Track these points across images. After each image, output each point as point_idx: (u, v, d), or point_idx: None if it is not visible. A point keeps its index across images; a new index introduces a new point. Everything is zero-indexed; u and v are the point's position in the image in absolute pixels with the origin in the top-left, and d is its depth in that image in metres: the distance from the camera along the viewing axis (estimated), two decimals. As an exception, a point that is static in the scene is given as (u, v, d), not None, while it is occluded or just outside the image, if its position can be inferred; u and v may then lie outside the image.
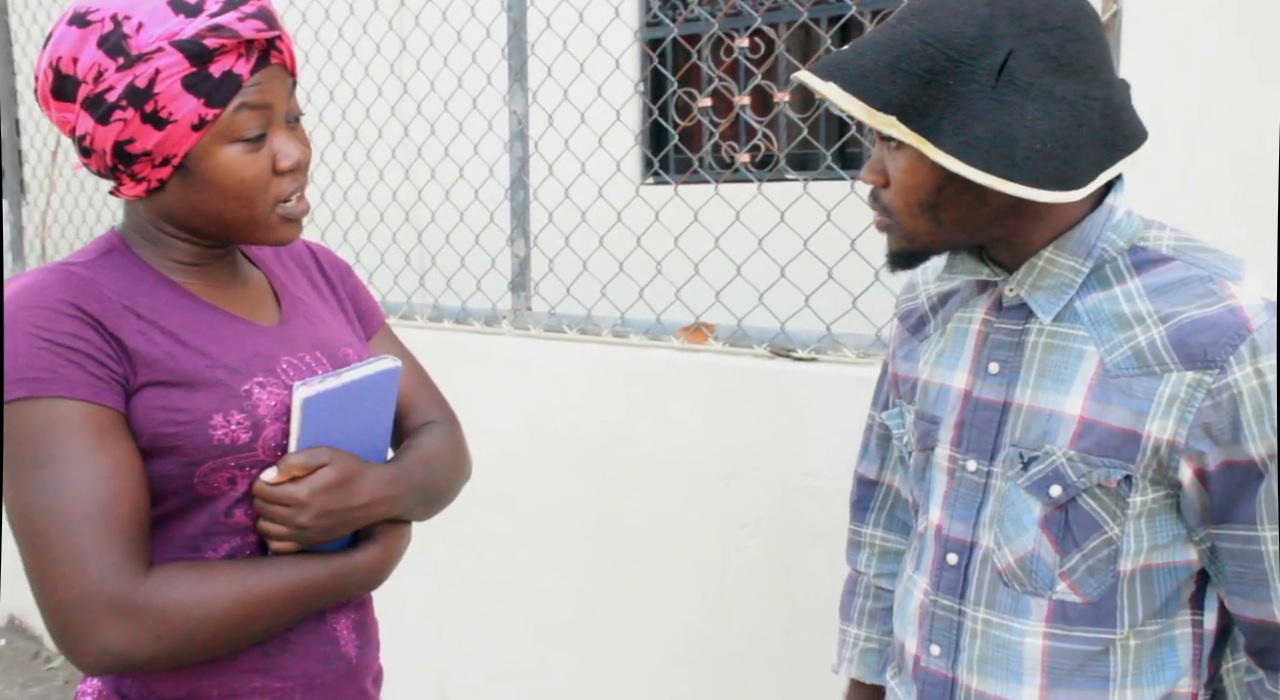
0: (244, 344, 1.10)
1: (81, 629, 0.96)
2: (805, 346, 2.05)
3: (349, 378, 1.08)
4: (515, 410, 2.41)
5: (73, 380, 0.99)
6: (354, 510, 1.08)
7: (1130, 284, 1.03)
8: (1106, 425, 1.01)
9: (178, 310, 1.09)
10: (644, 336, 2.29)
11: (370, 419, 1.13)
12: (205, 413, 1.04)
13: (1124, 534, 1.03)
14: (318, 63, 3.20)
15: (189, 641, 0.99)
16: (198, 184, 1.06)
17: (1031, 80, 0.94)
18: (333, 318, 1.25)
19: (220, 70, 1.02)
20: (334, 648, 1.15)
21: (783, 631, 2.03)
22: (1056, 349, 1.05)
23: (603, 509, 2.28)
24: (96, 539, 0.96)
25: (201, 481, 1.05)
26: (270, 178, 1.07)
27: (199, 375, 1.05)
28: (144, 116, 1.01)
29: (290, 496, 1.04)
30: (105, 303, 1.04)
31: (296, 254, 1.30)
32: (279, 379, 1.10)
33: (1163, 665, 1.06)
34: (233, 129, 1.04)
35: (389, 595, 2.76)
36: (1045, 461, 1.04)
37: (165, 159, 1.04)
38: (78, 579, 0.95)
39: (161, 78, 1.00)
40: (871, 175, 1.06)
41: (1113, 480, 1.01)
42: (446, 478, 1.24)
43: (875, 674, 1.36)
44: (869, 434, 1.36)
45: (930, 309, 1.22)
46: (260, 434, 1.06)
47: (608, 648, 2.31)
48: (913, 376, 1.21)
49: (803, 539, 1.97)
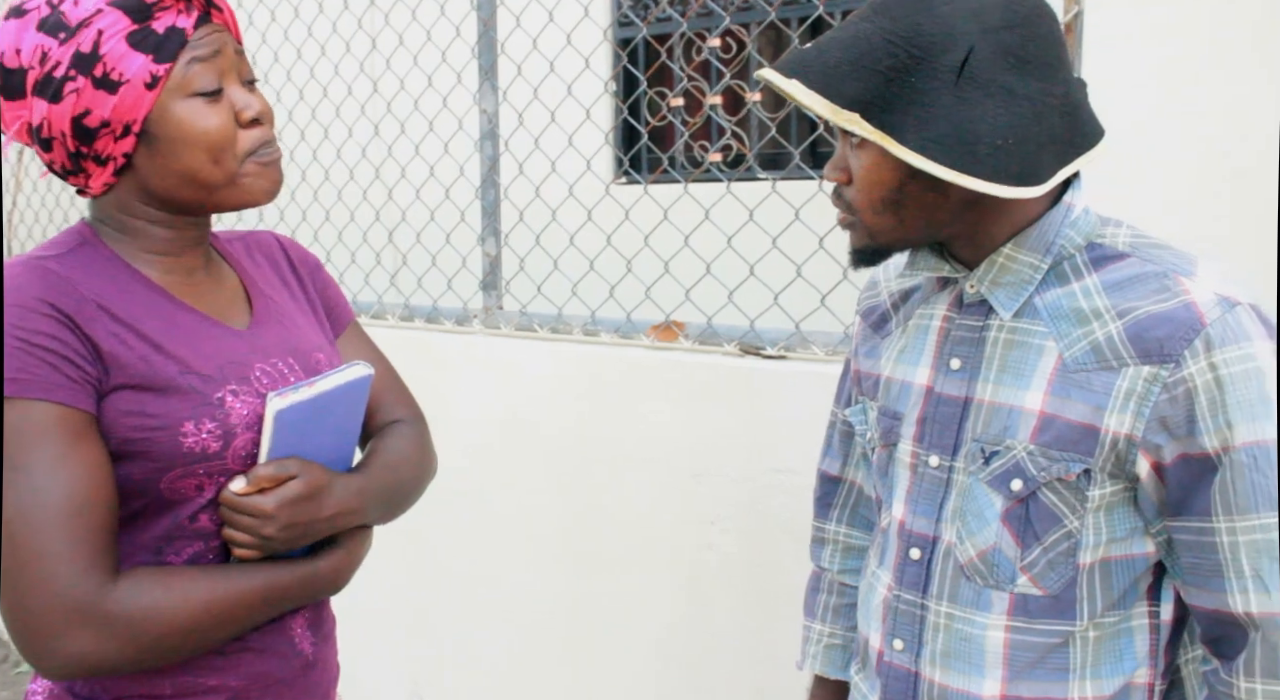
0: (218, 349, 1.09)
1: (47, 634, 0.94)
2: (774, 344, 2.06)
3: (321, 387, 1.07)
4: (487, 409, 2.42)
5: (49, 382, 0.97)
6: (319, 522, 1.08)
7: (1088, 280, 1.05)
8: (1066, 419, 1.03)
9: (152, 311, 1.07)
10: (615, 335, 2.30)
11: (341, 425, 1.13)
12: (177, 420, 1.03)
13: (1083, 527, 1.04)
14: (287, 61, 3.18)
15: (155, 648, 0.98)
16: (164, 147, 1.04)
17: (992, 77, 0.96)
18: (304, 319, 1.24)
19: (163, 26, 1.02)
20: (291, 646, 1.16)
21: (756, 626, 2.04)
22: (1017, 345, 1.07)
23: (575, 507, 2.29)
24: (66, 544, 0.95)
25: (168, 487, 1.04)
26: (235, 130, 1.06)
27: (172, 381, 1.04)
28: (95, 82, 1.00)
29: (257, 508, 1.03)
30: (80, 302, 1.02)
31: (267, 248, 1.29)
32: (252, 387, 1.09)
33: (1121, 656, 1.08)
34: (187, 83, 1.03)
35: (363, 595, 2.76)
36: (1006, 456, 1.06)
37: (126, 127, 1.03)
38: (45, 584, 0.94)
39: (105, 38, 1.00)
40: (835, 173, 1.08)
41: (1072, 474, 1.03)
42: (412, 481, 1.24)
43: (839, 669, 1.37)
44: (831, 430, 1.38)
45: (892, 306, 1.24)
46: (231, 443, 1.05)
47: (582, 645, 2.32)
48: (875, 373, 1.22)
49: (774, 534, 1.99)
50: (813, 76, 0.99)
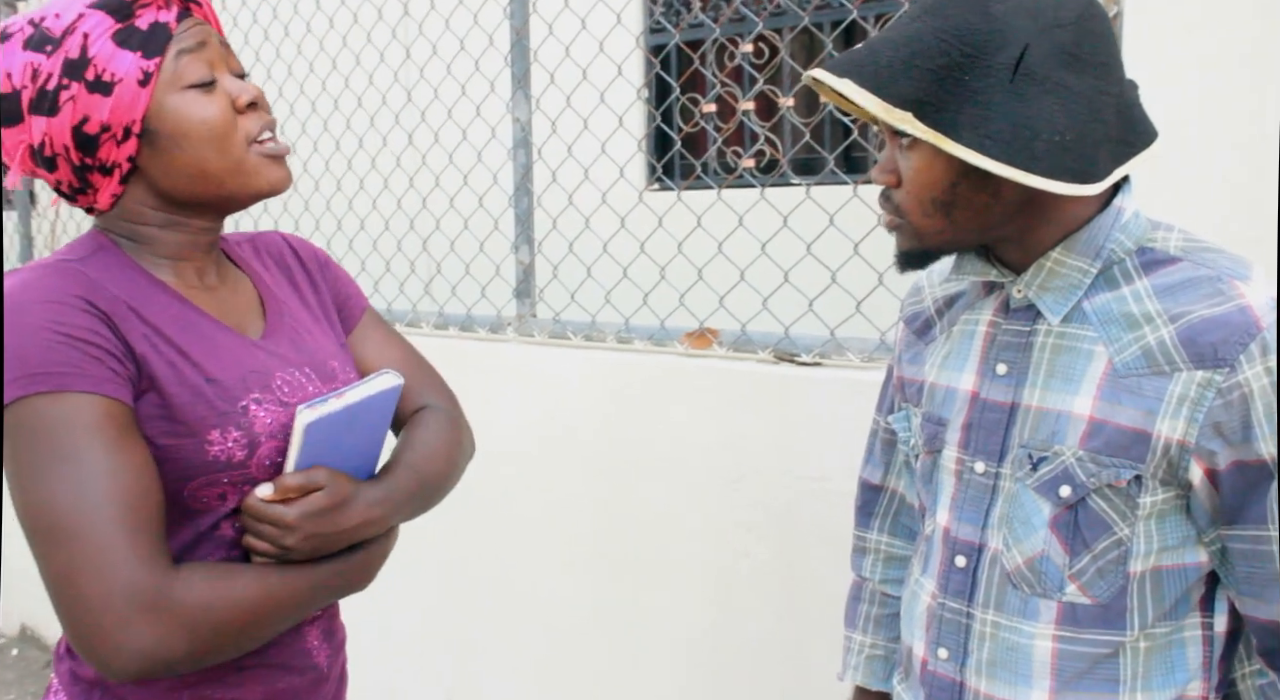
0: (238, 358, 1.09)
1: (113, 628, 0.92)
2: (809, 351, 2.05)
3: (351, 399, 1.06)
4: (521, 416, 2.42)
5: (95, 375, 0.97)
6: (341, 534, 1.07)
7: (1138, 284, 1.03)
8: (1116, 425, 1.01)
9: (175, 317, 1.07)
10: (648, 342, 2.30)
11: (368, 433, 1.12)
12: (203, 427, 1.03)
13: (1134, 535, 1.02)
14: (322, 72, 3.21)
15: (216, 640, 0.97)
16: (168, 144, 1.04)
17: (1048, 74, 0.95)
18: (316, 325, 1.23)
19: (146, 22, 1.03)
20: (306, 658, 1.15)
21: (790, 635, 2.03)
22: (1065, 349, 1.05)
23: (609, 514, 2.29)
24: (128, 535, 0.94)
25: (191, 496, 1.04)
26: (234, 116, 1.07)
27: (198, 389, 1.04)
28: (89, 86, 1.01)
29: (279, 518, 1.02)
30: (111, 301, 1.02)
31: (275, 249, 1.29)
32: (274, 395, 1.09)
33: (1172, 668, 1.05)
34: (179, 76, 1.04)
35: (398, 601, 2.77)
36: (1054, 462, 1.04)
37: (126, 130, 1.02)
38: (111, 576, 0.92)
39: (92, 40, 1.01)
40: (884, 175, 1.07)
41: (1122, 480, 1.01)
42: (440, 475, 1.22)
43: (881, 681, 1.35)
44: (873, 439, 1.36)
45: (936, 312, 1.22)
46: (256, 452, 1.05)
47: (615, 652, 2.31)
48: (919, 379, 1.21)
49: (809, 543, 1.98)
50: (865, 76, 0.98)
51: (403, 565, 2.69)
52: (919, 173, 1.02)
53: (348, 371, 1.21)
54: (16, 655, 3.95)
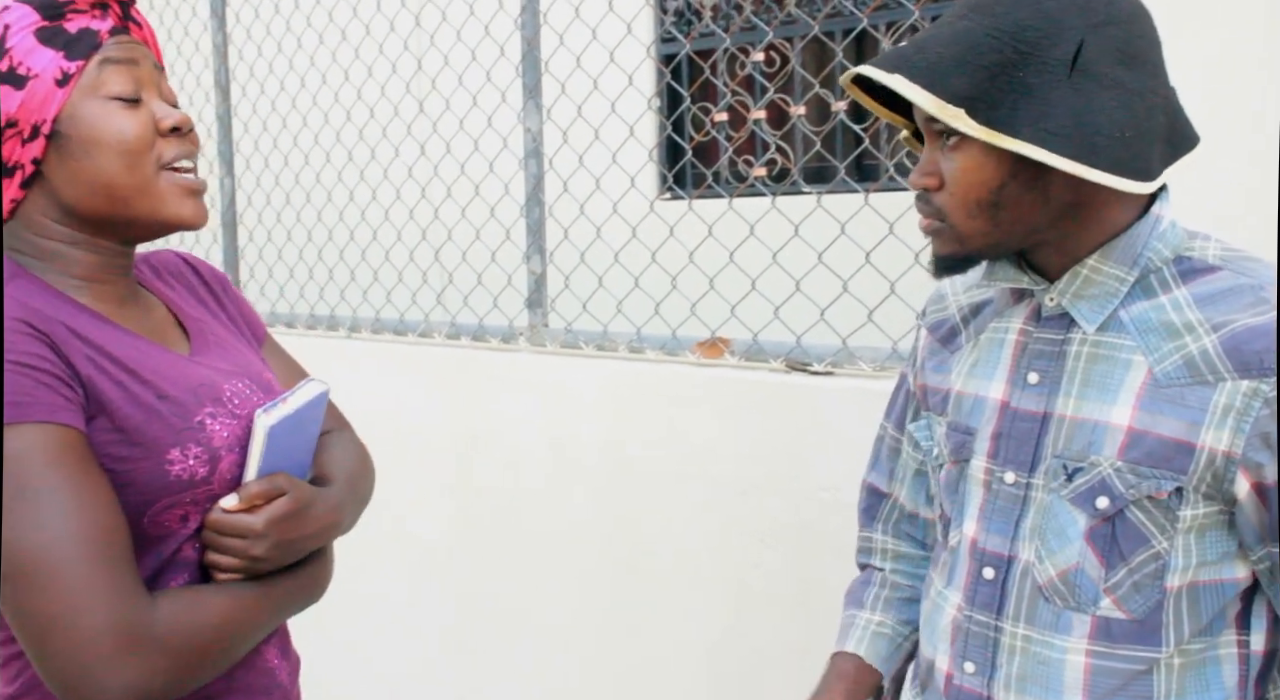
0: (183, 373, 1.05)
1: (98, 667, 0.89)
2: (821, 360, 2.05)
3: (295, 403, 1.06)
4: (532, 426, 2.42)
5: (50, 404, 0.92)
6: (306, 539, 1.06)
7: (1177, 293, 1.02)
8: (1157, 435, 0.99)
9: (111, 337, 1.01)
10: (660, 352, 2.30)
11: (304, 441, 1.12)
12: (161, 447, 0.99)
13: (1172, 549, 1.00)
14: (334, 82, 3.23)
15: (196, 667, 0.95)
16: (75, 149, 0.99)
17: (1104, 70, 0.94)
18: (236, 340, 1.20)
19: (75, 27, 0.99)
20: (271, 679, 1.14)
21: (802, 644, 2.02)
22: (1101, 358, 1.03)
23: (621, 523, 2.29)
24: (105, 570, 0.90)
25: (152, 522, 1.00)
26: (153, 136, 1.01)
27: (152, 407, 0.99)
28: (1, 77, 0.96)
29: (247, 528, 1.00)
30: (50, 323, 0.96)
31: (175, 269, 1.23)
32: (227, 408, 1.05)
33: (1207, 686, 1.03)
34: (100, 84, 0.99)
35: (408, 613, 2.77)
36: (1091, 472, 1.02)
37: (35, 129, 0.97)
38: (93, 613, 0.89)
39: (12, 31, 0.97)
40: (926, 178, 1.04)
41: (1163, 492, 0.99)
42: (367, 491, 1.24)
43: (882, 661, 1.29)
44: (880, 445, 1.34)
45: (961, 319, 1.20)
46: (217, 467, 1.02)
47: (626, 662, 2.31)
48: (944, 388, 1.19)
49: (821, 552, 1.97)
50: (916, 72, 0.97)
51: (411, 575, 2.69)
52: (966, 173, 1.01)
53: (279, 382, 1.20)
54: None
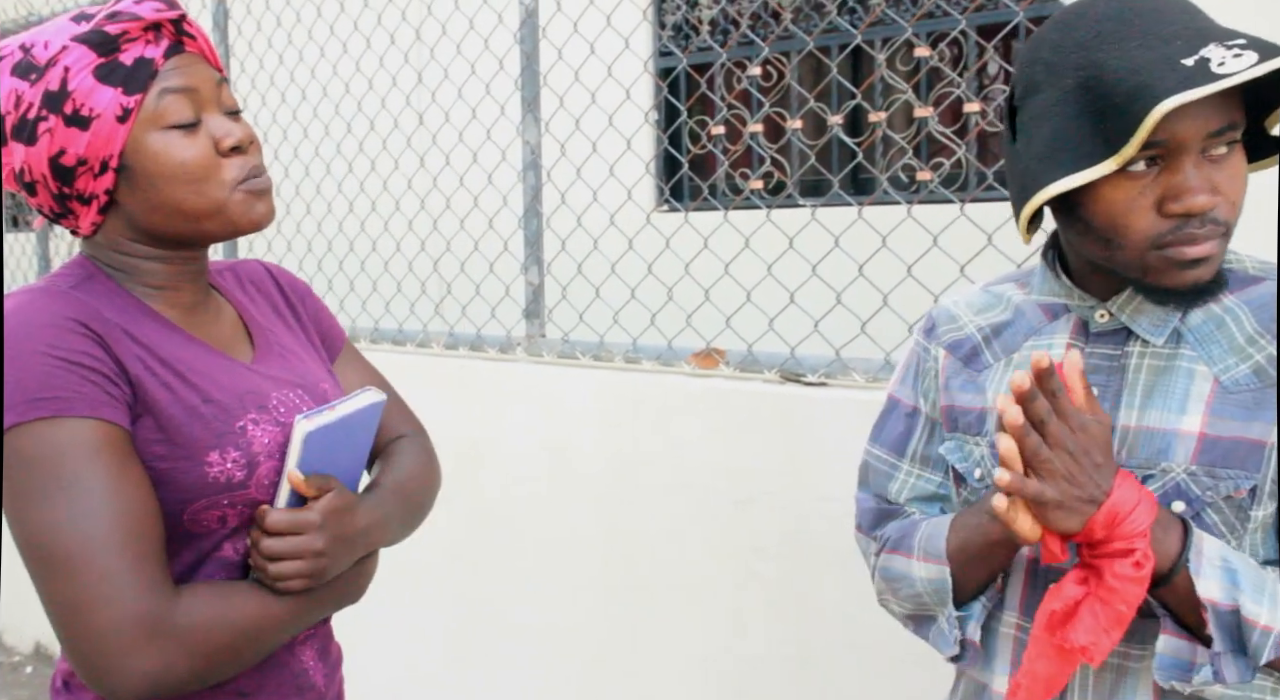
0: (234, 380, 1.08)
1: (117, 654, 0.93)
2: (815, 371, 2.07)
3: (343, 411, 1.07)
4: (529, 436, 2.44)
5: (93, 400, 0.96)
6: (358, 535, 1.08)
7: (1228, 301, 1.06)
8: (1231, 438, 1.02)
9: (167, 341, 1.06)
10: (656, 362, 2.31)
11: (354, 451, 1.14)
12: (201, 449, 1.02)
13: (1241, 548, 1.02)
14: (335, 95, 3.26)
15: (217, 660, 0.98)
16: (144, 181, 1.03)
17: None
18: (303, 351, 1.23)
19: (131, 58, 1.01)
20: (305, 679, 1.15)
21: (798, 655, 2.03)
22: (1163, 369, 1.06)
23: (617, 534, 2.30)
24: (132, 562, 0.94)
25: (192, 519, 1.03)
26: (216, 160, 1.05)
27: (195, 410, 1.03)
28: (66, 120, 1.00)
29: (305, 521, 1.02)
30: (105, 324, 1.01)
31: (257, 278, 1.28)
32: (271, 416, 1.08)
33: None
34: (160, 116, 1.02)
35: (406, 619, 2.77)
36: (1163, 479, 1.04)
37: (103, 164, 1.02)
38: (113, 603, 0.93)
39: (72, 74, 1.00)
40: (1209, 198, 0.98)
41: (1242, 490, 1.01)
42: (421, 497, 1.25)
43: None
44: (866, 471, 1.29)
45: (984, 340, 1.19)
46: (255, 472, 1.05)
47: (623, 672, 2.32)
48: (977, 407, 1.17)
49: (816, 563, 1.98)
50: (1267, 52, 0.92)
51: (410, 584, 2.70)
52: (1242, 178, 1.01)
53: (339, 394, 1.22)
54: (31, 672, 3.97)
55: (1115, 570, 0.96)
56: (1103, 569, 0.98)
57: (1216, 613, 0.97)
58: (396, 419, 1.31)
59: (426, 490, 1.27)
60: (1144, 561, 0.96)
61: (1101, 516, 0.96)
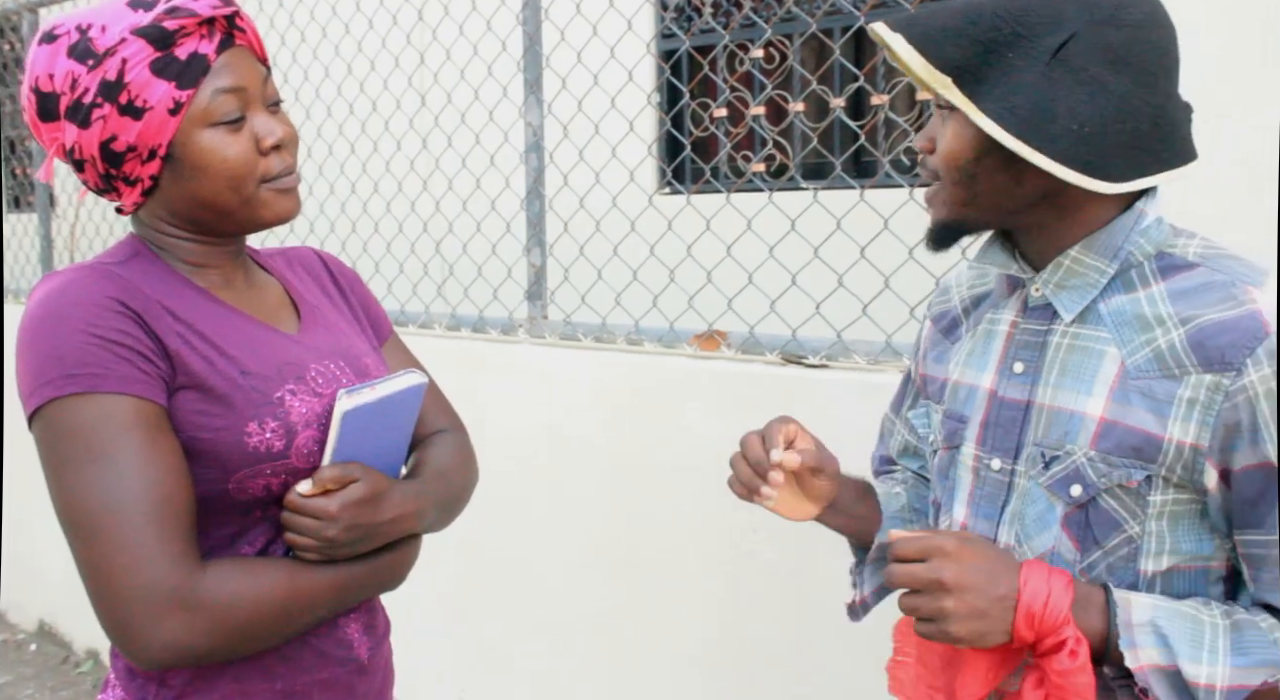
0: (273, 351, 1.13)
1: (142, 622, 0.97)
2: (816, 353, 2.07)
3: (384, 391, 1.10)
4: (531, 417, 2.45)
5: (126, 376, 1.01)
6: (380, 526, 1.11)
7: (1154, 288, 1.05)
8: (1127, 426, 1.02)
9: (209, 315, 1.11)
10: (658, 344, 2.32)
11: (395, 432, 1.16)
12: (240, 420, 1.06)
13: (1144, 533, 1.03)
14: (338, 76, 3.25)
15: (241, 634, 1.02)
16: (187, 172, 1.08)
17: (1085, 66, 0.97)
18: (349, 327, 1.27)
19: (185, 52, 1.05)
20: (348, 651, 1.19)
21: (795, 635, 2.05)
22: (1078, 349, 1.07)
23: (617, 514, 2.31)
24: (157, 533, 0.98)
25: (238, 487, 1.08)
26: (256, 158, 1.10)
27: (234, 383, 1.08)
28: (121, 109, 1.04)
29: (321, 510, 1.06)
30: (147, 302, 1.06)
31: (307, 262, 1.33)
32: (308, 386, 1.12)
33: None
34: (209, 113, 1.07)
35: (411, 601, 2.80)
36: (1065, 461, 1.05)
37: (151, 152, 1.06)
38: (140, 572, 0.97)
39: (130, 66, 1.04)
40: (923, 140, 1.10)
41: (1134, 481, 1.02)
42: (460, 488, 1.28)
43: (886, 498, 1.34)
44: (881, 427, 1.41)
45: (963, 311, 1.24)
46: (294, 441, 1.09)
47: (622, 651, 2.34)
48: (941, 377, 1.23)
49: (815, 544, 1.99)
50: (916, 35, 1.01)
51: (416, 565, 2.71)
52: (949, 140, 1.06)
53: (381, 370, 1.24)
54: (35, 650, 3.99)
55: (1055, 667, 0.99)
56: (1045, 669, 1.00)
57: (1158, 679, 0.98)
58: (436, 413, 1.33)
59: (463, 484, 1.29)
60: (1077, 648, 0.98)
61: (1020, 621, 0.99)
